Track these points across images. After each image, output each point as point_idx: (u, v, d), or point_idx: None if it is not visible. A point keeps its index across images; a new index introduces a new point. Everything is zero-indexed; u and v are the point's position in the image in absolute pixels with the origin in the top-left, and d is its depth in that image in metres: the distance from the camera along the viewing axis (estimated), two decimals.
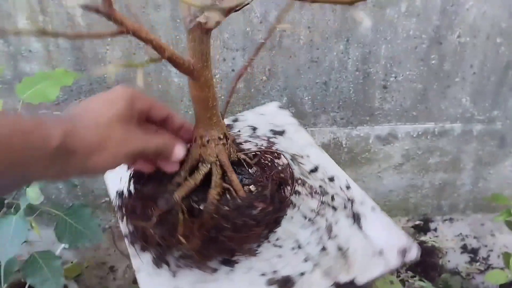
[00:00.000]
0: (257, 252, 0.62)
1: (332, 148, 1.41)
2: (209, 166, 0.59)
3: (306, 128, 1.36)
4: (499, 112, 1.36)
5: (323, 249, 0.62)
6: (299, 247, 0.63)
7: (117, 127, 0.44)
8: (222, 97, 1.29)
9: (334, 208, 0.69)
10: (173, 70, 1.23)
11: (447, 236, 1.56)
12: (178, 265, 0.60)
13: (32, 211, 0.89)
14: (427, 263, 1.45)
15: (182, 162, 0.62)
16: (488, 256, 1.49)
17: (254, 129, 0.84)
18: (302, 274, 0.59)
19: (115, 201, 0.63)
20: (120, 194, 0.63)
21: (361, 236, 0.65)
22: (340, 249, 0.62)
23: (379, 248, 0.63)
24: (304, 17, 1.15)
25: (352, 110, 1.33)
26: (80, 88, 1.26)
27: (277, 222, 0.64)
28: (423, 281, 1.38)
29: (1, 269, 0.85)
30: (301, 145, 0.80)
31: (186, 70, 0.50)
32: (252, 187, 0.62)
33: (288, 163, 0.70)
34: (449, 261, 1.48)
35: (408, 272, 1.43)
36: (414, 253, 0.62)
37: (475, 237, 1.55)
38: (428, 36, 1.20)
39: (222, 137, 0.59)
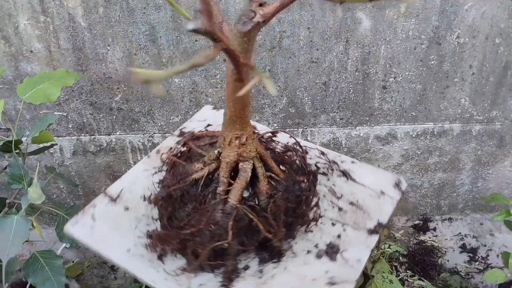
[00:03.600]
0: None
1: (331, 148, 1.42)
2: (251, 162, 0.61)
3: (305, 128, 1.37)
4: (498, 112, 1.37)
5: (340, 209, 0.68)
6: (320, 216, 0.67)
7: None
8: (223, 98, 1.29)
9: (324, 174, 0.73)
10: None
11: (446, 235, 1.57)
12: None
13: (33, 211, 0.89)
14: (426, 262, 1.45)
15: (213, 172, 0.62)
16: (487, 255, 1.50)
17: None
18: (339, 236, 0.65)
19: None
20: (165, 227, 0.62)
21: (360, 187, 0.72)
22: (351, 203, 0.69)
23: (379, 190, 0.72)
24: (304, 17, 1.16)
25: (351, 110, 1.34)
26: (81, 88, 1.26)
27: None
28: (423, 280, 1.39)
29: (3, 268, 0.85)
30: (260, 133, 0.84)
31: (244, 72, 0.51)
32: (281, 167, 0.66)
33: (290, 137, 0.75)
34: (448, 260, 1.49)
35: (408, 271, 1.44)
36: (405, 183, 0.75)
37: (474, 237, 1.56)
38: (427, 37, 1.20)
39: (255, 131, 0.62)
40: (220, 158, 0.61)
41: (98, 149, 1.39)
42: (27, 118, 1.31)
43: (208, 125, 0.85)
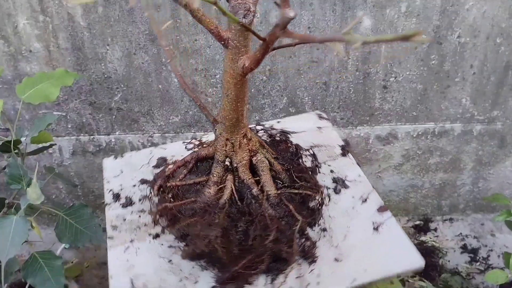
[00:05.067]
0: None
1: None
2: (260, 151, 0.63)
3: None
4: (499, 112, 1.36)
5: (311, 155, 0.78)
6: (319, 163, 0.78)
7: None
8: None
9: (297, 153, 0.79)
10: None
11: (447, 236, 1.56)
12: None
13: (32, 211, 0.88)
14: (427, 263, 1.44)
15: (234, 183, 0.62)
16: (488, 256, 1.49)
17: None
18: (332, 171, 0.75)
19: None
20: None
21: (302, 134, 0.82)
22: (312, 147, 0.80)
23: (315, 127, 0.85)
24: (304, 16, 1.16)
25: (352, 110, 1.33)
26: (81, 88, 1.26)
27: None
28: (423, 281, 1.38)
29: (2, 269, 0.85)
30: None
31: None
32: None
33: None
34: (449, 261, 1.48)
35: None
36: (323, 114, 0.90)
37: (475, 237, 1.55)
38: (428, 36, 1.20)
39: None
40: (236, 165, 0.61)
41: (98, 149, 1.39)
42: (26, 118, 1.31)
43: (164, 160, 0.83)
